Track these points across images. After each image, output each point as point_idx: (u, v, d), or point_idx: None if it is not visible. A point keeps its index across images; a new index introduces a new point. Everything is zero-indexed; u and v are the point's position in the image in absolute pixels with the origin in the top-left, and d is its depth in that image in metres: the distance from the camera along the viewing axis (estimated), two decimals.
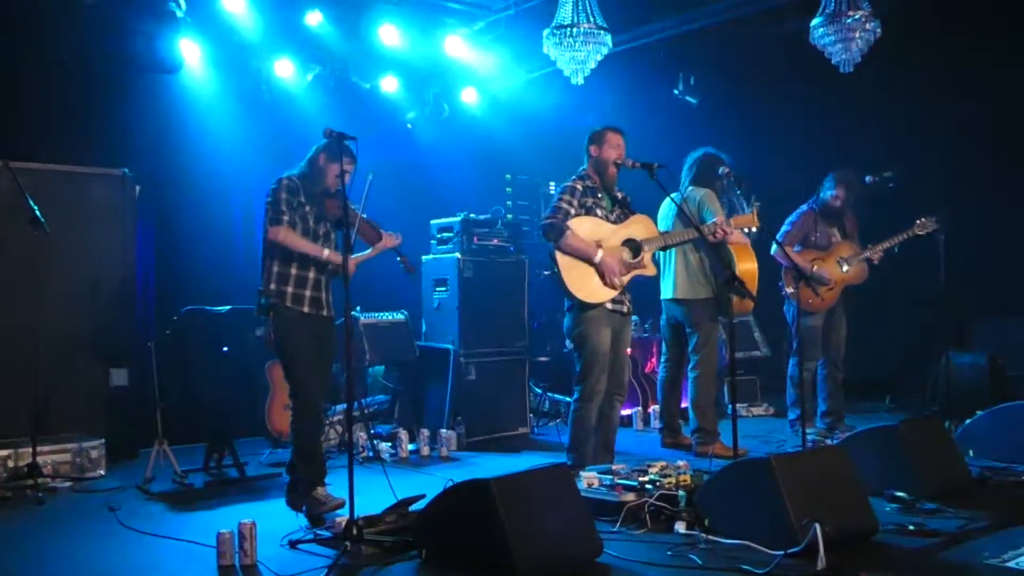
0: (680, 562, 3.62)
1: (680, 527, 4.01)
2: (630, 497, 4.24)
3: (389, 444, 6.31)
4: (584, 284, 5.05)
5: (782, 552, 3.44)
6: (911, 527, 3.90)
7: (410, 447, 6.33)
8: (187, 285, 7.00)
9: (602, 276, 5.06)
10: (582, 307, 5.07)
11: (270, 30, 7.46)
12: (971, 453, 5.37)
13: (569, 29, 5.93)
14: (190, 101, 7.31)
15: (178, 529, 4.39)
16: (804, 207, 6.66)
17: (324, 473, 4.56)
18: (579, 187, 5.16)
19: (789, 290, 6.50)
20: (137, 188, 6.55)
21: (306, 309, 4.56)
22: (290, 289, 4.56)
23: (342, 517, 4.13)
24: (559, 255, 5.05)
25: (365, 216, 4.63)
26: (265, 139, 7.63)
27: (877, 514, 3.90)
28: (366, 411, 6.46)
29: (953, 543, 3.72)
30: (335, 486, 4.51)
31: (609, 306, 5.12)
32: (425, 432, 6.40)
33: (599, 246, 5.07)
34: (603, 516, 4.12)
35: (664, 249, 5.49)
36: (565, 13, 5.91)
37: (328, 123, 4.56)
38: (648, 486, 4.32)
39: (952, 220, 6.41)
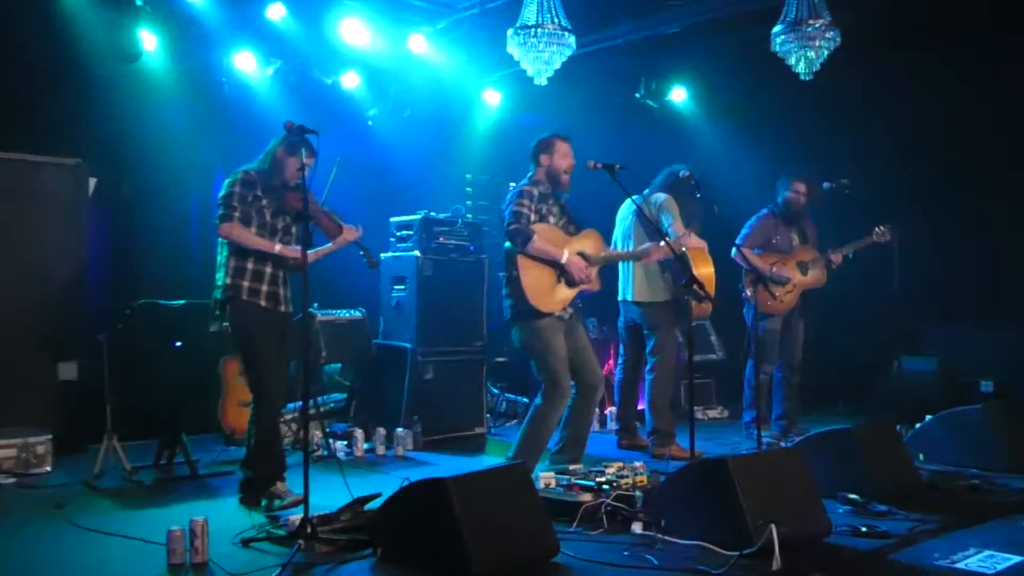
0: (636, 562, 3.62)
1: (636, 528, 4.02)
2: (587, 497, 4.24)
3: (345, 443, 6.26)
4: (540, 291, 4.97)
5: (738, 553, 3.46)
6: (863, 528, 3.94)
7: (366, 446, 6.27)
8: (141, 278, 6.89)
9: (569, 275, 5.00)
10: (534, 316, 4.96)
11: (231, 22, 7.34)
12: (921, 457, 5.47)
13: (534, 30, 5.92)
14: (148, 92, 7.17)
15: (127, 527, 4.29)
16: (764, 211, 6.73)
17: (284, 468, 4.52)
18: (535, 192, 5.10)
19: (748, 292, 6.55)
20: (92, 179, 6.42)
21: (263, 303, 4.51)
22: (246, 283, 4.52)
23: (296, 515, 4.08)
24: (521, 259, 4.96)
25: (326, 209, 4.58)
26: (224, 132, 7.55)
27: (830, 516, 3.93)
28: (321, 409, 6.40)
29: (904, 545, 3.77)
30: (293, 485, 4.46)
31: (557, 313, 5.04)
32: (381, 431, 6.35)
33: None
34: (560, 516, 4.11)
35: (608, 263, 5.45)
36: (530, 13, 5.90)
37: (288, 117, 4.51)
38: (605, 487, 4.33)
39: (905, 227, 6.51)
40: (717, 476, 3.74)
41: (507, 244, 5.03)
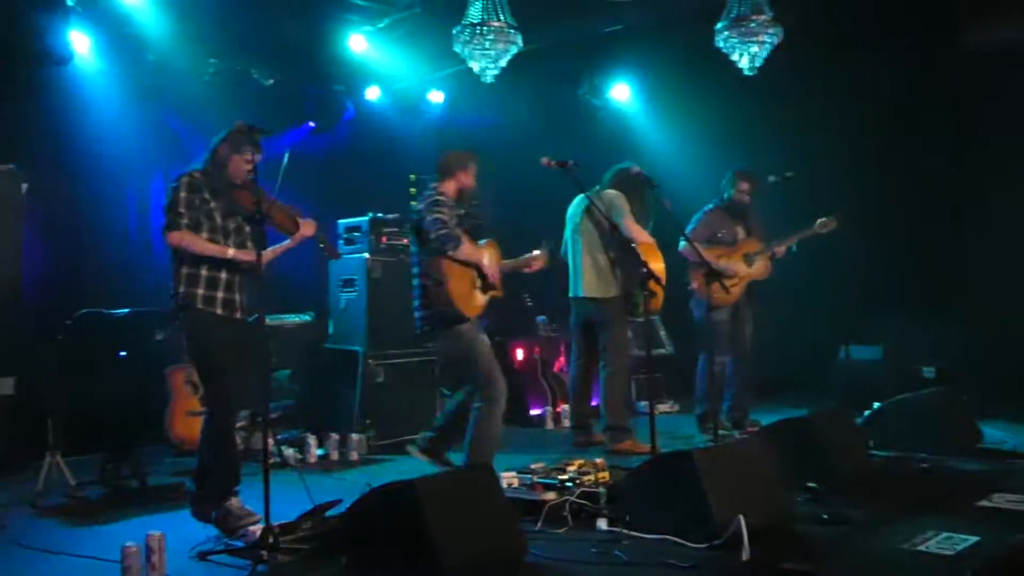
0: (605, 559, 3.61)
1: (602, 524, 4.02)
2: (551, 496, 4.22)
3: (295, 449, 6.14)
4: (464, 295, 5.06)
5: (707, 545, 3.46)
6: (825, 516, 3.99)
7: (319, 452, 6.17)
8: (81, 287, 6.67)
9: (486, 280, 5.17)
10: (458, 321, 5.04)
11: (167, 22, 7.17)
12: (871, 444, 5.56)
13: (479, 28, 5.89)
14: (83, 95, 6.97)
15: (77, 545, 4.14)
16: (710, 205, 6.79)
17: (238, 482, 4.38)
18: (449, 201, 5.14)
19: (694, 285, 6.60)
20: (24, 185, 6.19)
21: (219, 311, 4.35)
22: (201, 291, 4.33)
23: (256, 526, 3.98)
24: (448, 264, 5.00)
25: (280, 204, 4.45)
26: (162, 135, 7.39)
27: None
28: (271, 416, 6.26)
29: (866, 530, 3.82)
30: (245, 494, 4.34)
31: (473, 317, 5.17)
32: (334, 436, 6.25)
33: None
34: (524, 516, 4.07)
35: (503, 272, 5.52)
36: (475, 11, 5.86)
37: (228, 119, 4.41)
38: (568, 484, 4.31)
39: (847, 218, 6.62)
40: (682, 469, 3.76)
41: (424, 250, 5.09)
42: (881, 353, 7.32)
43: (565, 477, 4.39)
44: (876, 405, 6.19)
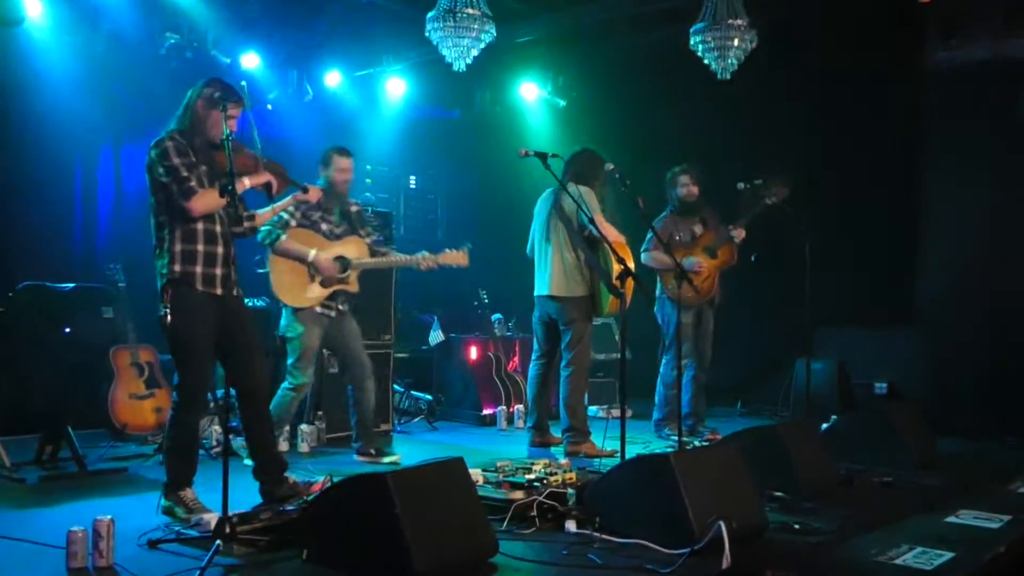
0: (578, 561, 3.50)
1: (571, 526, 3.89)
2: (518, 495, 4.08)
3: (244, 439, 5.90)
4: (289, 288, 5.42)
5: (687, 550, 3.38)
6: (796, 525, 3.94)
7: None
8: (23, 259, 6.34)
9: (319, 272, 5.41)
10: (293, 308, 5.44)
11: None
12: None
13: (454, 15, 5.77)
14: (32, 60, 6.65)
15: (15, 529, 3.87)
16: (664, 212, 6.74)
17: (195, 472, 4.17)
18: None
19: (668, 290, 6.52)
20: None
21: (219, 291, 4.09)
22: (199, 269, 4.05)
23: (211, 514, 3.79)
24: (272, 257, 5.40)
25: (267, 161, 4.24)
26: (113, 107, 7.11)
27: None
28: (220, 404, 6.02)
29: (838, 541, 3.77)
30: (202, 484, 4.15)
31: (318, 309, 5.47)
32: (284, 427, 6.03)
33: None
34: (490, 515, 3.94)
35: (373, 268, 5.75)
36: None
37: (182, 96, 4.16)
38: (535, 484, 4.19)
39: (793, 180, 6.58)
40: (658, 472, 3.66)
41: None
42: (834, 367, 7.36)
43: (532, 476, 4.27)
44: (833, 418, 6.24)
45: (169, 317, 3.96)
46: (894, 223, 7.67)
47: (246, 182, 4.18)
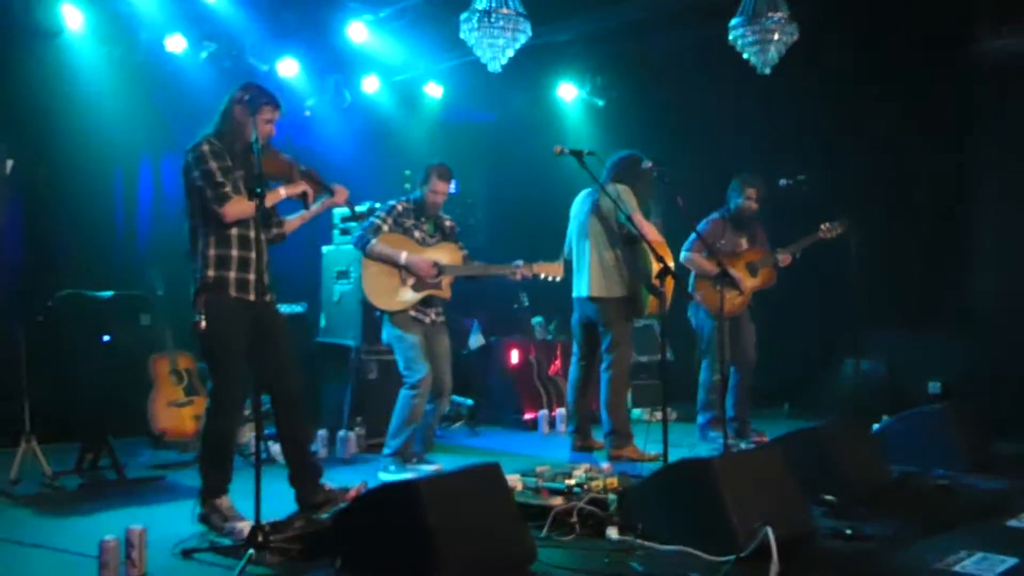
0: (620, 570, 3.39)
1: (612, 533, 3.79)
2: (557, 501, 3.99)
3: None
4: (381, 292, 5.32)
5: (732, 557, 3.25)
6: (847, 531, 3.78)
7: None
8: (63, 269, 6.41)
9: (413, 274, 5.33)
10: (390, 313, 5.36)
11: (163, 1, 6.94)
12: None
13: (488, 15, 5.69)
14: (72, 71, 6.73)
15: (52, 537, 3.88)
16: (715, 215, 6.58)
17: (229, 480, 4.13)
18: (400, 208, 5.47)
19: (699, 295, 6.41)
20: (9, 162, 5.90)
21: (252, 297, 4.03)
22: (232, 274, 4.03)
23: (244, 523, 3.74)
24: (364, 261, 5.36)
25: (304, 168, 4.20)
26: (152, 116, 7.15)
27: None
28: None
29: (893, 547, 3.62)
30: (238, 491, 4.10)
31: (412, 313, 5.37)
32: (323, 433, 6.01)
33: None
34: (528, 522, 3.84)
35: (466, 277, 5.65)
36: None
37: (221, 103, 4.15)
38: (576, 489, 4.09)
39: (852, 223, 6.43)
40: (701, 477, 3.55)
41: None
42: (884, 367, 7.14)
43: (572, 482, 4.16)
44: (884, 419, 6.03)
45: (203, 323, 3.93)
46: (944, 222, 7.42)
47: (282, 192, 4.19)
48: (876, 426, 5.75)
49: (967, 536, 3.74)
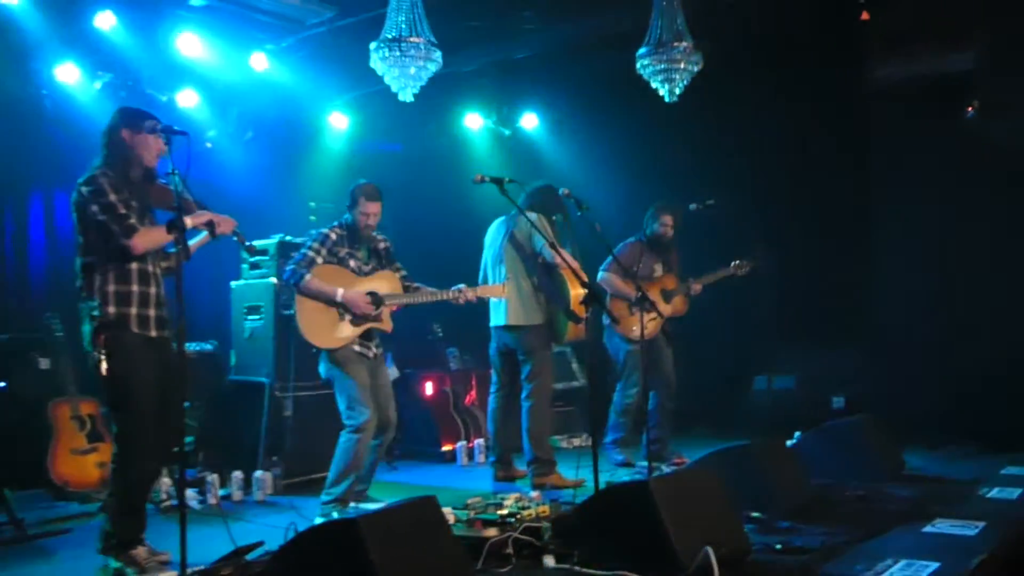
0: None
1: (549, 561, 3.75)
2: (492, 532, 3.93)
3: (196, 490, 5.64)
4: (318, 329, 5.02)
5: None
6: (778, 546, 3.85)
7: (221, 492, 5.68)
8: None
9: (349, 310, 5.03)
10: (327, 352, 5.06)
11: (52, 28, 6.64)
12: None
13: (399, 43, 5.65)
14: None
15: None
16: (632, 239, 6.66)
17: (144, 528, 3.91)
18: (333, 236, 5.15)
19: (614, 315, 6.45)
20: None
21: (153, 333, 3.87)
22: (134, 311, 3.86)
23: (170, 573, 3.56)
24: (298, 298, 5.03)
25: (189, 198, 4.01)
26: (44, 149, 6.83)
27: None
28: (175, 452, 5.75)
29: (823, 559, 3.68)
30: (157, 538, 3.90)
31: (356, 348, 5.08)
32: (238, 475, 5.78)
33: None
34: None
35: (406, 306, 5.40)
36: (393, 27, 5.62)
37: None
38: (509, 519, 4.03)
39: (761, 261, 6.62)
40: (637, 500, 3.54)
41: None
42: (795, 384, 7.33)
43: (504, 512, 4.11)
44: (797, 434, 6.19)
45: (104, 363, 3.75)
46: (851, 237, 7.70)
47: (188, 221, 4.00)
48: (790, 442, 5.90)
49: (890, 544, 3.86)
